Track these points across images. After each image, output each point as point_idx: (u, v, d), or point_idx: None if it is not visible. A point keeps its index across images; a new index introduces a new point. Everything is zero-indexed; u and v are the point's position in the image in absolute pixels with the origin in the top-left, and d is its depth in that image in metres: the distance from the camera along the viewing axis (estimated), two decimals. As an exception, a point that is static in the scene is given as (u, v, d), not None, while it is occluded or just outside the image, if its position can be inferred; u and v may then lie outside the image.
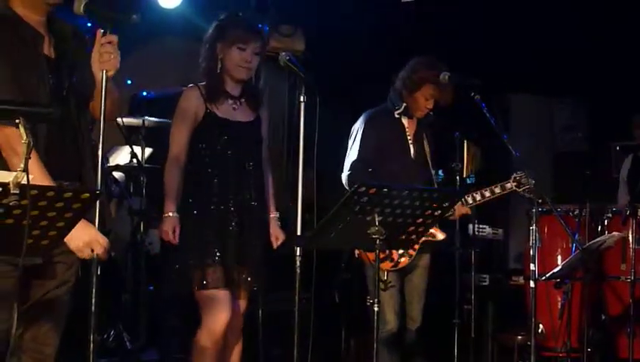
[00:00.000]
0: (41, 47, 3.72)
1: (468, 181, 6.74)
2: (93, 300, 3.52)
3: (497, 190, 5.72)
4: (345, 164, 5.76)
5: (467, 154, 7.79)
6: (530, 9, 8.46)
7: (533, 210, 5.32)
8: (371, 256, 5.45)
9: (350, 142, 5.79)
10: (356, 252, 5.64)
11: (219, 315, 4.88)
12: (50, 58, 3.76)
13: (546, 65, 8.81)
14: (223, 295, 4.88)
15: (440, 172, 6.19)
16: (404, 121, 5.80)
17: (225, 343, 5.01)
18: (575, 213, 6.64)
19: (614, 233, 6.08)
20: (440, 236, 5.71)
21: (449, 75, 5.55)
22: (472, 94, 5.38)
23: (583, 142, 10.23)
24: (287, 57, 4.73)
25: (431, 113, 5.79)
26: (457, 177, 6.24)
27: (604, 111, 9.33)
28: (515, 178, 5.71)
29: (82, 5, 3.63)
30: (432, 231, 5.57)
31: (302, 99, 4.59)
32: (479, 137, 6.89)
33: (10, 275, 3.54)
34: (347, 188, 5.60)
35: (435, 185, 5.77)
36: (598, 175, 6.85)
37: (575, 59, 8.66)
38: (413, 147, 5.80)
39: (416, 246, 5.53)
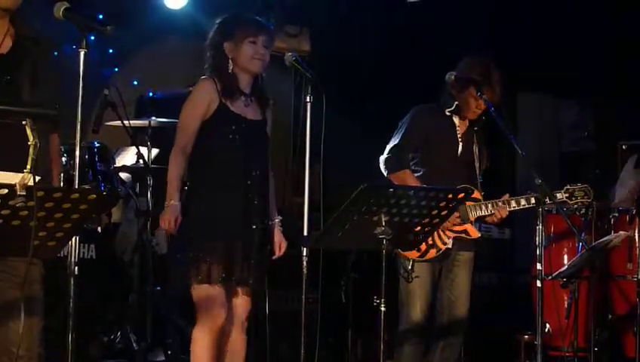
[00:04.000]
0: None
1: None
2: (72, 303, 3.51)
3: (533, 200, 5.36)
4: (386, 148, 5.66)
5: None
6: (536, 8, 8.46)
7: (540, 210, 5.31)
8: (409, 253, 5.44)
9: (395, 132, 5.70)
10: None
11: (214, 313, 4.87)
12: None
13: (553, 64, 8.80)
14: (218, 292, 4.86)
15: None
16: (455, 120, 5.66)
17: (229, 344, 5.00)
18: (581, 212, 6.63)
19: (621, 232, 6.07)
20: (474, 234, 5.60)
21: (454, 75, 5.52)
22: (479, 94, 5.37)
23: (589, 141, 10.21)
24: (294, 57, 4.74)
25: (483, 117, 5.67)
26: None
27: (611, 111, 9.32)
28: (567, 189, 5.62)
29: (61, 10, 3.66)
30: (465, 227, 5.54)
31: (308, 99, 4.60)
32: (486, 137, 6.88)
33: None
34: (383, 170, 5.58)
35: (479, 185, 5.67)
36: (604, 174, 6.86)
37: (581, 58, 8.65)
38: (462, 145, 5.67)
39: (447, 240, 5.49)
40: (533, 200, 5.39)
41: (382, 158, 5.66)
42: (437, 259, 5.57)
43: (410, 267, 5.44)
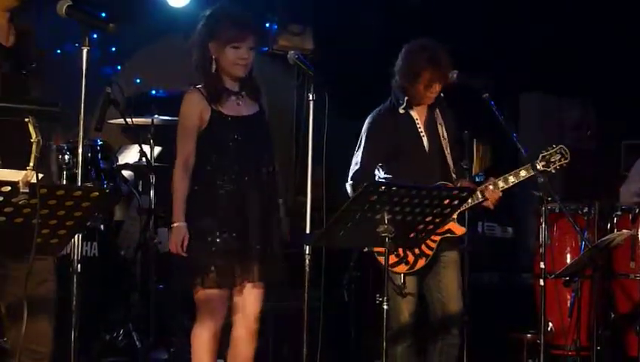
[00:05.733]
0: None
1: (477, 179, 6.70)
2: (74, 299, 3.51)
3: (523, 173, 5.42)
4: (349, 172, 5.60)
5: (476, 153, 7.79)
6: (538, 8, 8.46)
7: (543, 208, 5.30)
8: (381, 259, 5.39)
9: (356, 147, 5.65)
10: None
11: (213, 314, 4.87)
12: (5, 47, 3.81)
13: (555, 63, 8.80)
14: (217, 294, 4.85)
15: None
16: (413, 113, 5.59)
17: (237, 343, 5.00)
18: (584, 211, 6.63)
19: (623, 231, 6.07)
20: (459, 231, 5.58)
21: (457, 73, 5.49)
22: (482, 93, 5.36)
23: (592, 140, 10.21)
24: (296, 56, 4.73)
25: (441, 94, 5.57)
26: (467, 175, 6.20)
27: (613, 110, 9.32)
28: (543, 156, 5.53)
29: (64, 7, 3.66)
30: (449, 226, 5.49)
31: (311, 97, 4.59)
32: (488, 136, 6.90)
33: None
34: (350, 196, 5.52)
35: (454, 176, 5.62)
36: (606, 173, 6.85)
37: (584, 57, 8.65)
38: (427, 138, 5.57)
39: (433, 245, 5.46)
40: (539, 167, 5.35)
41: (348, 186, 5.60)
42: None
43: (402, 282, 5.37)
